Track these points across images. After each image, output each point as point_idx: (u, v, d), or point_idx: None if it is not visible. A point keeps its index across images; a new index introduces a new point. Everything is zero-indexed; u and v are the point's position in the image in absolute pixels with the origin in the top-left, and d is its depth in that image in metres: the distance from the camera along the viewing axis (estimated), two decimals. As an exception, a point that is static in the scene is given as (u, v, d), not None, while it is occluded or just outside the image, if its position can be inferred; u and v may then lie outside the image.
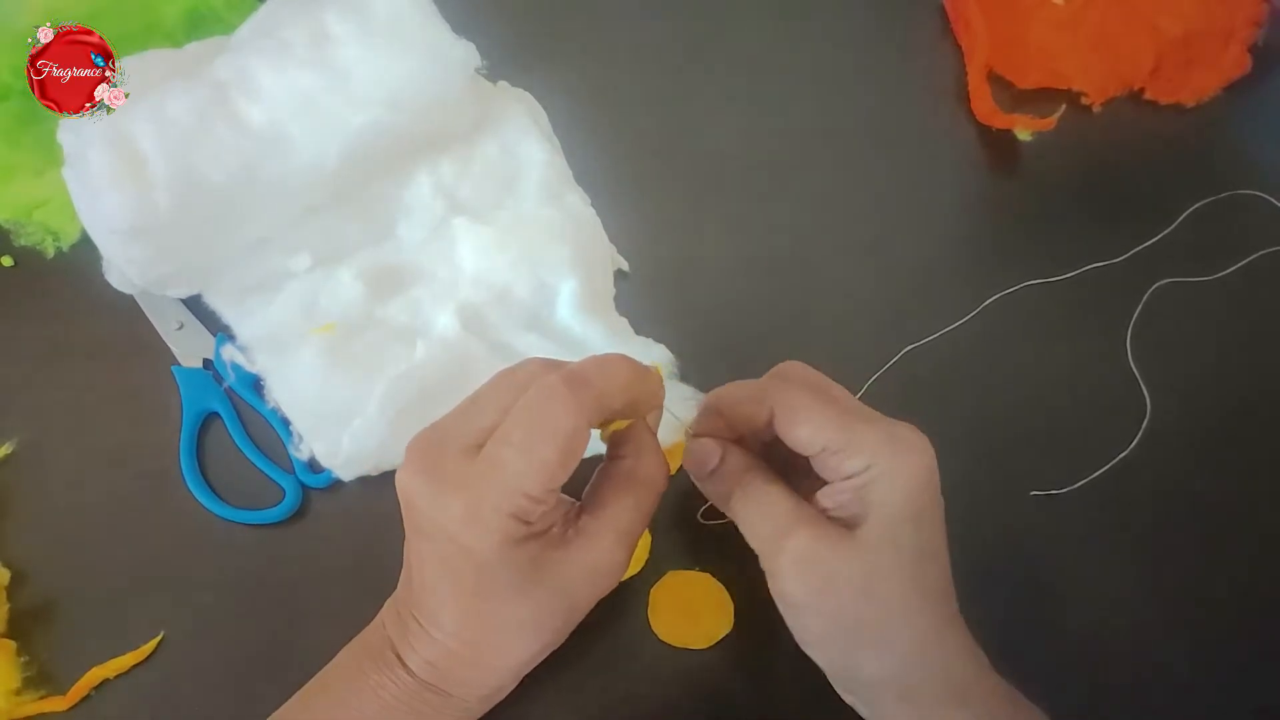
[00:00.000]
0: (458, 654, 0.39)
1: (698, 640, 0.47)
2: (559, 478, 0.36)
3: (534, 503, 0.36)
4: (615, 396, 0.37)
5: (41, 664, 0.45)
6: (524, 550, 0.37)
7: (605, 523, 0.39)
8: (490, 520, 0.36)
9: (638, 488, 0.40)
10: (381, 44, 0.48)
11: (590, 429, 0.37)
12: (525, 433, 0.36)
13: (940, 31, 0.61)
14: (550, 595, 0.38)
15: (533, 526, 0.37)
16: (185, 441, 0.49)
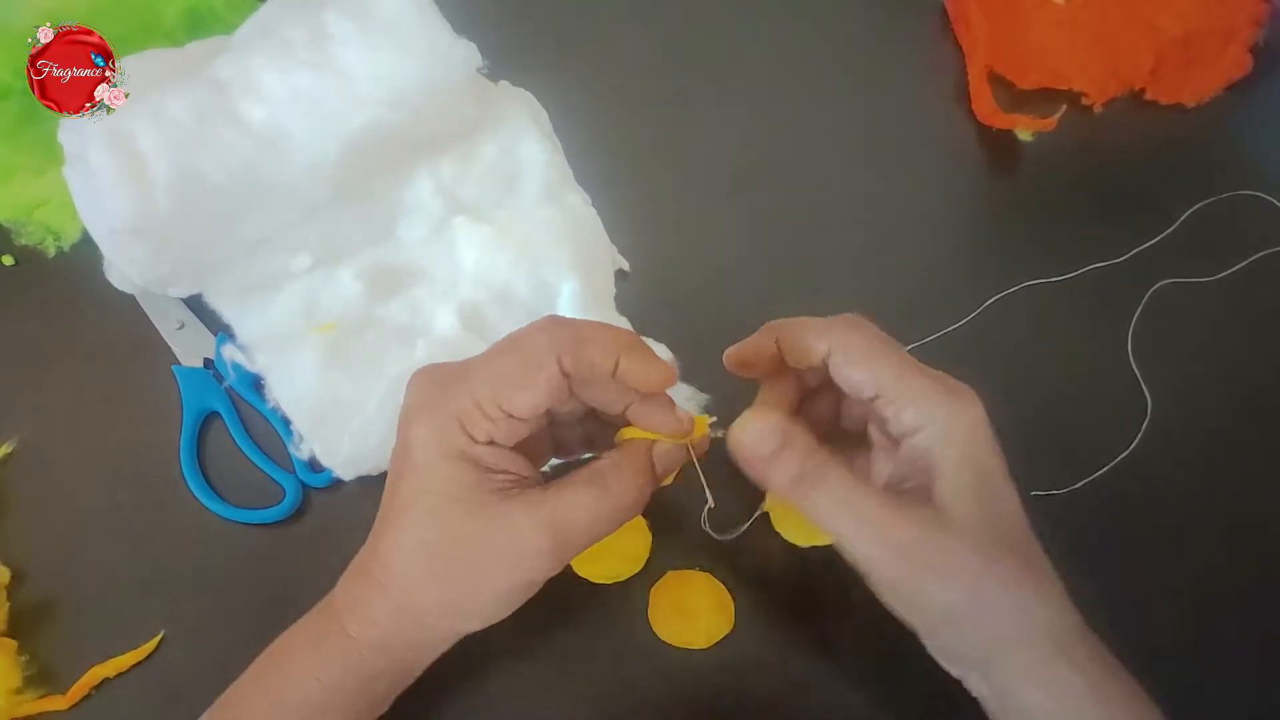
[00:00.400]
0: (415, 602, 0.39)
1: (698, 640, 0.47)
2: (515, 400, 0.36)
3: (485, 419, 0.36)
4: (597, 350, 0.37)
5: (42, 663, 0.45)
6: (475, 483, 0.37)
7: (545, 505, 0.37)
8: (447, 430, 0.37)
9: (598, 491, 0.38)
10: (382, 44, 0.48)
11: (562, 371, 0.37)
12: (497, 349, 0.38)
13: (940, 31, 0.61)
14: (487, 549, 0.38)
15: (484, 460, 0.37)
16: (185, 441, 0.49)
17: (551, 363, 0.37)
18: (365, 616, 0.39)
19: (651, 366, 0.38)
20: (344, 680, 0.39)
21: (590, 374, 0.37)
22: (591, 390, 0.39)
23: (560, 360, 0.37)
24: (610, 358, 0.37)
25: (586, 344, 0.37)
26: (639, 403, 0.39)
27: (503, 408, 0.37)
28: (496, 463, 0.38)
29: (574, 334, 0.37)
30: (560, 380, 0.37)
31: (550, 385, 0.37)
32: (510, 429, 0.37)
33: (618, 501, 0.38)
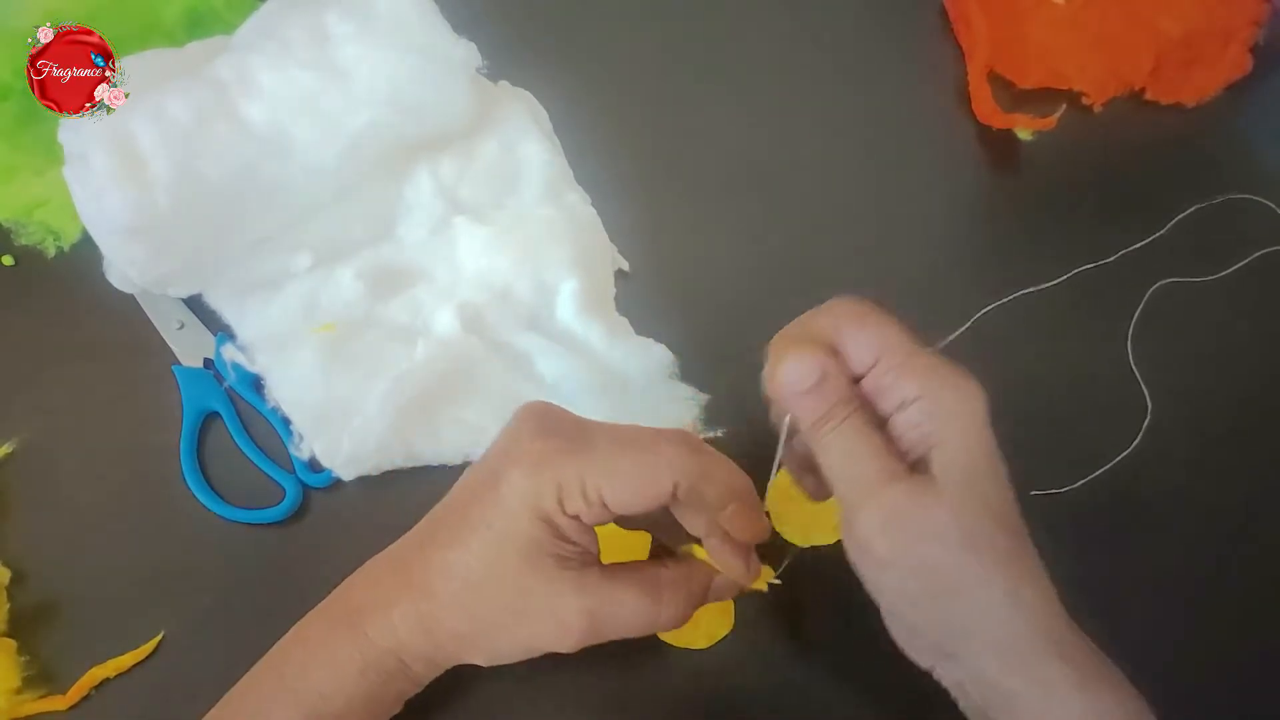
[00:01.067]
0: (441, 624, 0.39)
1: (698, 640, 0.47)
2: (619, 500, 0.37)
3: (583, 500, 0.37)
4: (715, 492, 0.38)
5: (42, 663, 0.45)
6: (543, 544, 0.38)
7: (595, 592, 0.38)
8: (543, 490, 0.37)
9: (650, 602, 0.39)
10: (382, 44, 0.48)
11: (672, 495, 0.37)
12: (623, 439, 0.38)
13: (940, 31, 0.61)
14: (525, 608, 0.39)
15: (563, 529, 0.38)
16: (185, 441, 0.49)
17: (668, 484, 0.37)
18: (387, 621, 0.39)
19: (757, 523, 0.40)
20: (360, 681, 0.39)
21: (698, 507, 0.38)
22: (687, 513, 0.40)
23: (677, 485, 0.37)
24: (724, 503, 0.38)
25: (707, 481, 0.38)
26: (719, 539, 0.40)
27: (604, 499, 0.37)
28: (572, 534, 0.38)
29: (700, 467, 0.38)
30: (665, 498, 0.38)
31: (656, 499, 0.38)
32: (600, 516, 0.38)
33: (663, 617, 0.39)
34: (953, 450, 0.37)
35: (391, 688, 0.40)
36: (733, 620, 0.48)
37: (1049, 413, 0.52)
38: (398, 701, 0.41)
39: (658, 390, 0.51)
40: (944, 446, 0.37)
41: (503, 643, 0.40)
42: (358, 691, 0.39)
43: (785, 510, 0.50)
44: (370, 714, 0.40)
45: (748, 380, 0.48)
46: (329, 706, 0.39)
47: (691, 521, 0.40)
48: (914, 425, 0.38)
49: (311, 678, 0.39)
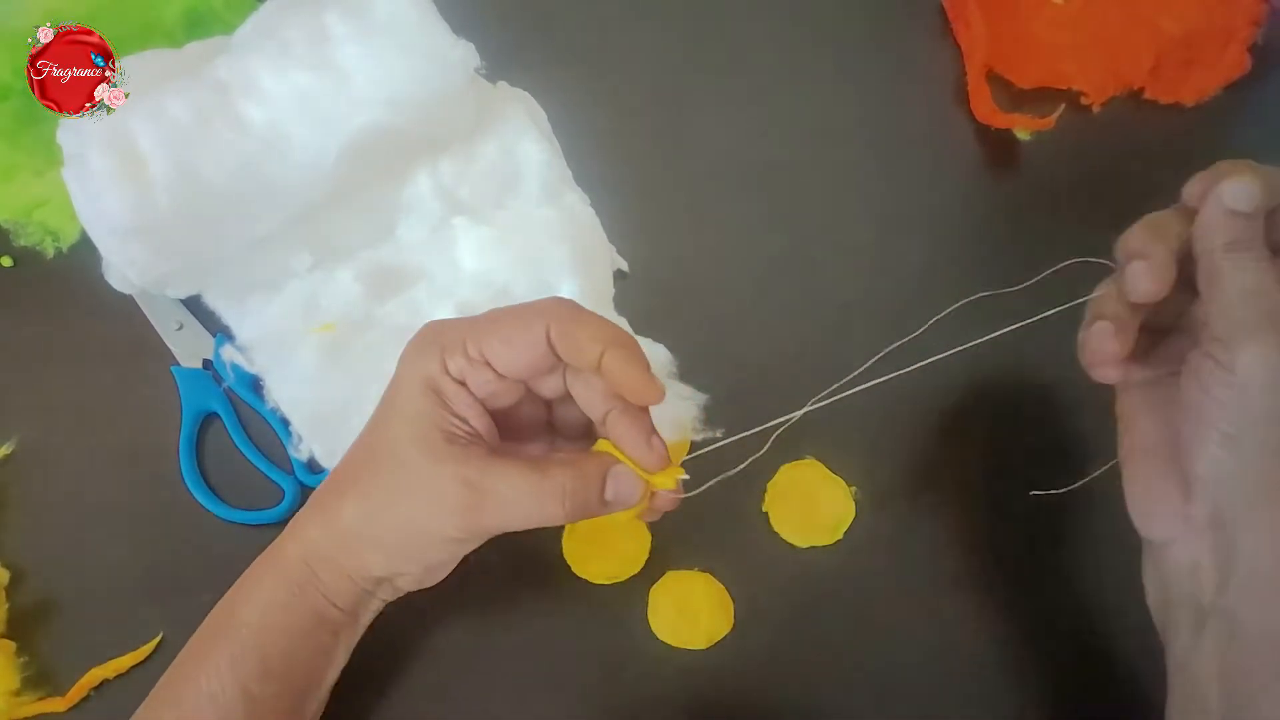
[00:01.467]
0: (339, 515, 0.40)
1: (698, 640, 0.47)
2: (494, 349, 0.37)
3: (463, 357, 0.37)
4: (587, 334, 0.37)
5: (41, 664, 0.45)
6: (429, 415, 0.38)
7: (477, 466, 0.37)
8: (427, 355, 0.38)
9: (535, 477, 0.37)
10: (381, 44, 0.48)
11: (549, 342, 0.37)
12: (501, 308, 0.39)
13: (940, 31, 0.61)
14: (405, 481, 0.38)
15: (448, 396, 0.38)
16: (185, 442, 0.49)
17: (539, 328, 0.37)
18: (303, 533, 0.40)
19: (635, 371, 0.37)
20: (273, 596, 0.40)
21: (575, 356, 0.37)
22: (580, 384, 0.39)
23: (549, 330, 0.37)
24: (596, 346, 0.37)
25: (579, 325, 0.37)
26: (617, 412, 0.39)
27: (483, 353, 0.37)
28: (459, 406, 0.38)
29: (572, 313, 0.38)
30: (543, 348, 0.37)
31: (530, 348, 0.37)
32: (484, 378, 0.38)
33: (548, 496, 0.37)
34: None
35: (306, 602, 0.40)
36: (732, 620, 0.48)
37: (1049, 413, 0.52)
38: (320, 626, 0.40)
39: (657, 390, 0.51)
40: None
41: (388, 526, 0.39)
42: (273, 607, 0.40)
43: (785, 510, 0.50)
44: (291, 635, 0.40)
45: (748, 380, 0.48)
46: (254, 634, 0.39)
47: (586, 395, 0.39)
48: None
49: (239, 609, 0.40)
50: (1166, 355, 0.42)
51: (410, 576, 0.41)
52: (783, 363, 0.52)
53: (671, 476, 0.39)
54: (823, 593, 0.49)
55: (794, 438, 0.51)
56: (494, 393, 0.39)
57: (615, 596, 0.48)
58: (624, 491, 0.38)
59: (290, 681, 0.40)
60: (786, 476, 0.50)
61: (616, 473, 0.38)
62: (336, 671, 0.42)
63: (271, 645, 0.39)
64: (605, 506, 0.38)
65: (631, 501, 0.39)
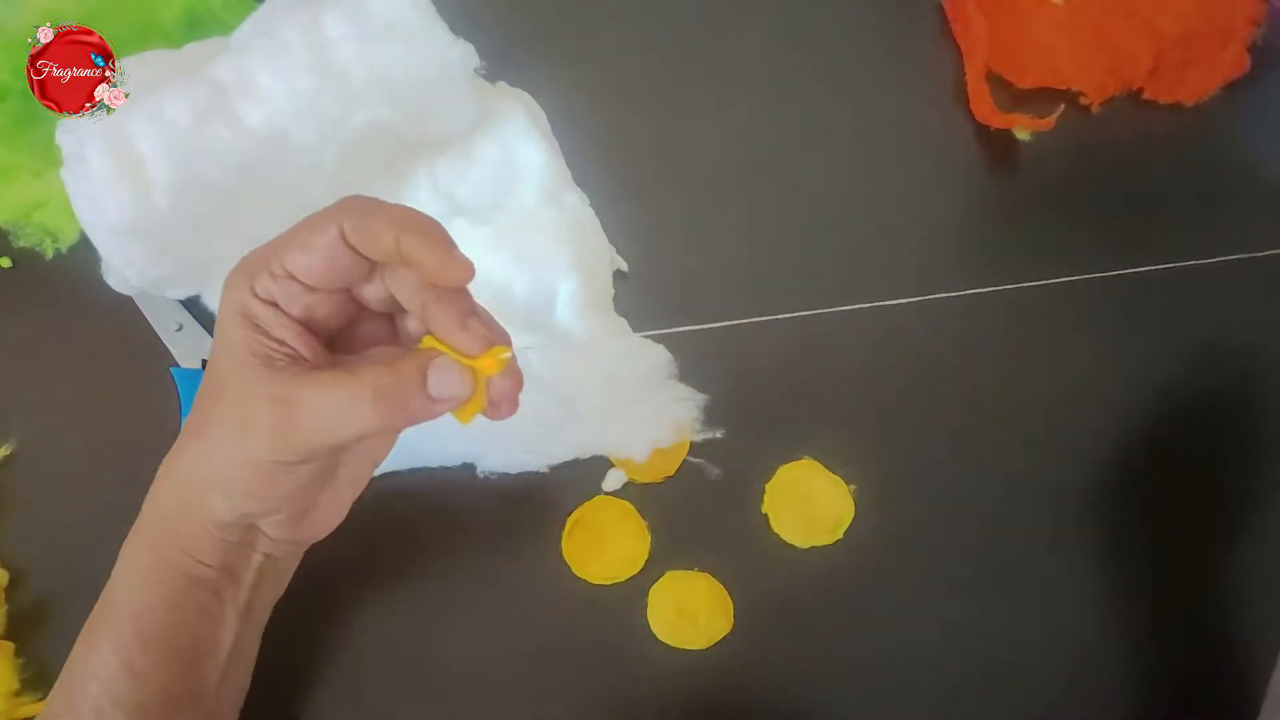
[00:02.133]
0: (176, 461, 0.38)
1: (697, 640, 0.47)
2: (293, 257, 0.35)
3: (268, 275, 0.36)
4: (382, 221, 0.35)
5: (40, 665, 0.45)
6: (244, 343, 0.36)
7: (285, 380, 0.35)
8: (237, 285, 0.36)
9: (345, 379, 0.35)
10: (380, 44, 0.48)
11: (345, 240, 0.35)
12: (296, 225, 0.36)
13: (939, 31, 0.61)
14: (222, 408, 0.36)
15: (261, 319, 0.36)
16: (184, 442, 0.49)
17: (333, 227, 0.35)
18: (154, 492, 0.39)
19: (437, 251, 0.35)
20: (139, 560, 0.38)
21: (372, 247, 0.35)
22: (397, 282, 0.37)
23: (342, 227, 0.35)
24: (391, 231, 0.34)
25: (373, 215, 0.35)
26: (431, 300, 0.36)
27: (285, 267, 0.35)
28: (273, 328, 0.36)
29: (367, 205, 0.36)
30: (337, 246, 0.35)
31: (328, 249, 0.35)
32: (291, 292, 0.36)
33: (358, 396, 0.34)
34: None
35: (171, 564, 0.38)
36: (732, 620, 0.48)
37: (1049, 413, 0.52)
38: (193, 586, 0.38)
39: (657, 390, 0.51)
40: None
41: (217, 462, 0.37)
42: (140, 575, 0.38)
43: (784, 510, 0.50)
44: (164, 601, 0.38)
45: (747, 380, 0.48)
46: (127, 605, 0.38)
47: (404, 296, 0.37)
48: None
49: (113, 584, 0.39)
50: None
51: (269, 518, 0.38)
52: (783, 363, 0.52)
53: (495, 358, 0.36)
54: (823, 593, 0.49)
55: (794, 438, 0.51)
56: (309, 307, 0.37)
57: (615, 596, 0.48)
58: (449, 383, 0.35)
59: (173, 648, 0.38)
60: (786, 476, 0.50)
61: (438, 364, 0.35)
62: (232, 634, 0.39)
63: (146, 613, 0.38)
64: (431, 404, 0.35)
65: (460, 393, 0.35)
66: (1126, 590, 0.49)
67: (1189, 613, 0.50)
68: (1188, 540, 0.51)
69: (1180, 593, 0.50)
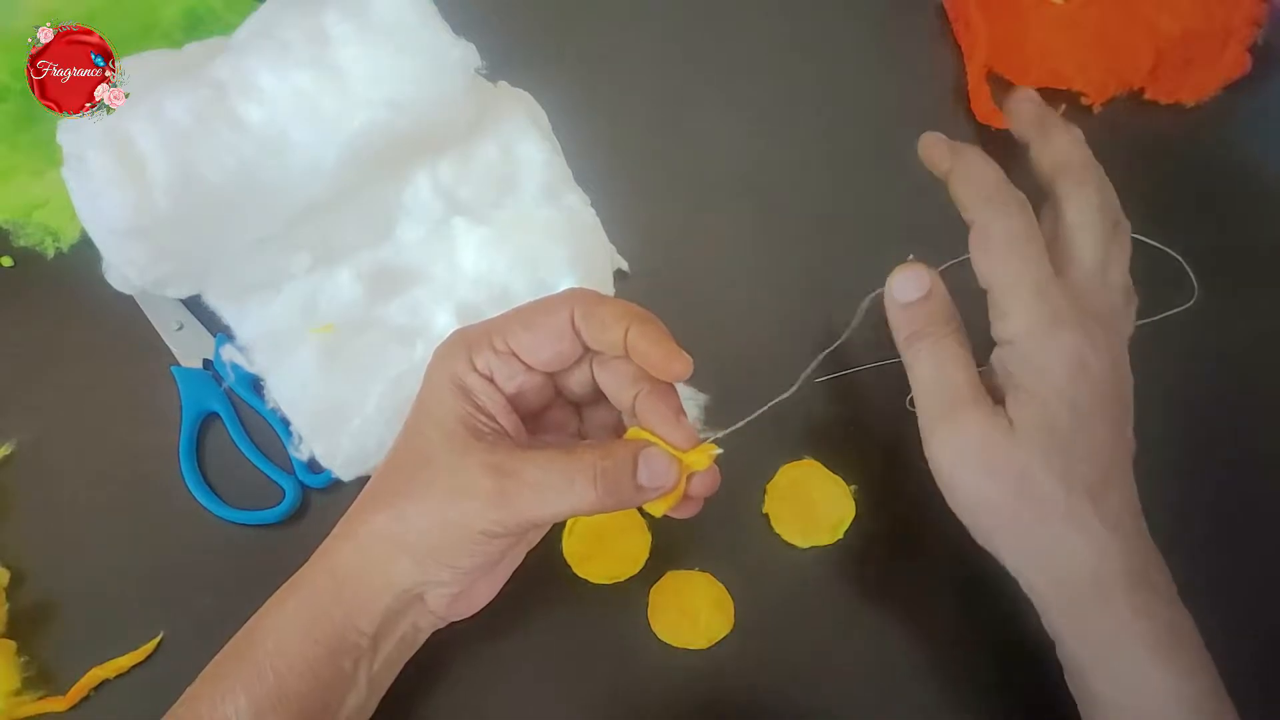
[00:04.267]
0: (366, 523, 0.39)
1: (698, 640, 0.47)
2: (520, 337, 0.38)
3: (490, 349, 0.38)
4: (611, 312, 0.37)
5: (41, 664, 0.45)
6: (458, 415, 0.38)
7: (503, 453, 0.37)
8: (453, 355, 0.38)
9: (564, 458, 0.37)
10: (381, 44, 0.48)
11: (574, 327, 0.37)
12: (523, 304, 0.39)
13: (940, 31, 0.61)
14: (433, 476, 0.37)
15: (476, 393, 0.38)
16: (185, 442, 0.49)
17: (564, 312, 0.37)
18: (329, 551, 0.40)
19: (662, 344, 0.37)
20: (296, 615, 0.39)
21: (600, 336, 0.37)
22: (606, 372, 0.39)
23: (573, 312, 0.37)
24: (621, 322, 0.37)
25: (602, 305, 0.37)
26: (645, 393, 0.38)
27: (509, 343, 0.38)
28: (487, 403, 0.38)
29: (595, 296, 0.38)
30: (567, 333, 0.37)
31: (555, 333, 0.37)
32: (510, 369, 0.38)
33: (578, 476, 0.36)
34: (1035, 400, 0.38)
35: (327, 625, 0.39)
36: (733, 620, 0.48)
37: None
38: (340, 650, 0.39)
39: (657, 390, 0.51)
40: (1028, 392, 0.38)
41: (416, 526, 0.37)
42: (294, 632, 0.39)
43: (785, 510, 0.50)
44: (310, 661, 0.38)
45: (748, 380, 0.48)
46: (271, 658, 0.38)
47: (613, 381, 0.39)
48: (1003, 362, 0.39)
49: (260, 632, 0.39)
50: None
51: (442, 589, 0.39)
52: (783, 363, 0.52)
53: (705, 453, 0.38)
54: (823, 593, 0.49)
55: (794, 438, 0.51)
56: (521, 386, 0.39)
57: (615, 596, 0.48)
58: (658, 472, 0.37)
59: (306, 709, 0.38)
60: (786, 477, 0.50)
61: (649, 454, 0.37)
62: (358, 701, 0.41)
63: (289, 669, 0.38)
64: (640, 492, 0.37)
65: (668, 483, 0.37)
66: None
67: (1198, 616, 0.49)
68: (1189, 540, 0.51)
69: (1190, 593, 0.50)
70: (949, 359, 0.40)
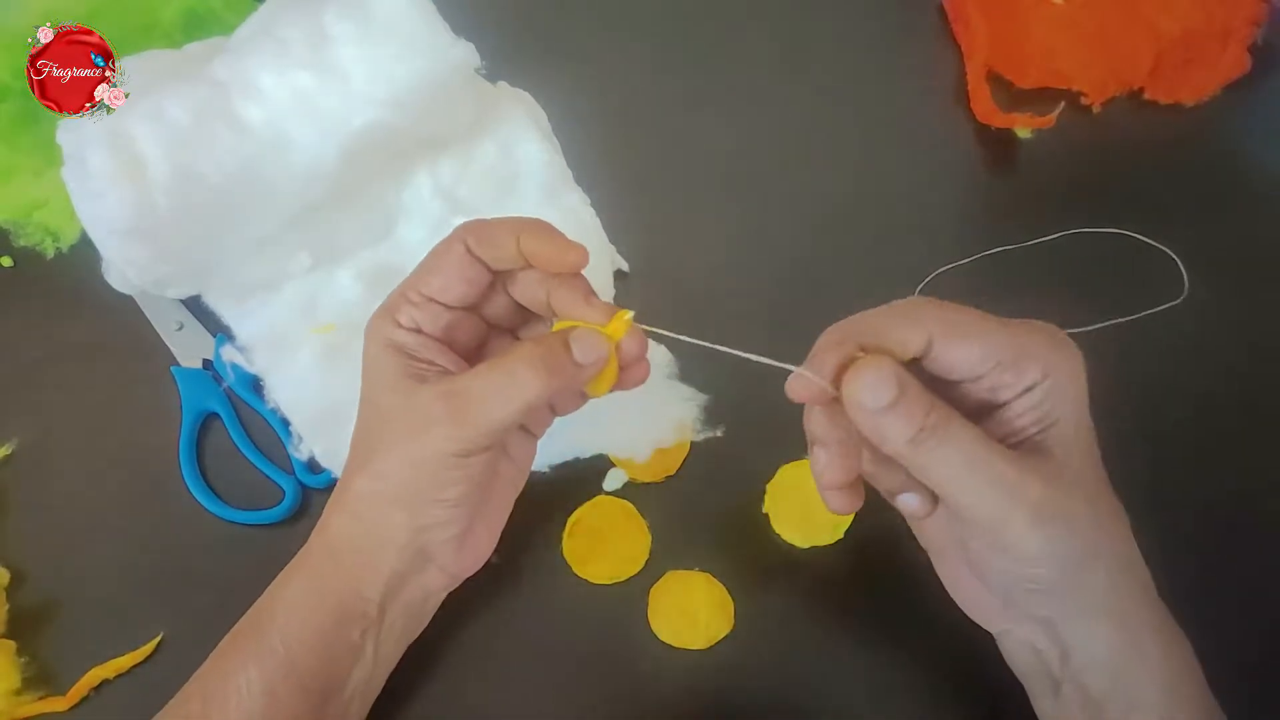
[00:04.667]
0: (347, 490, 0.40)
1: (698, 640, 0.47)
2: (429, 282, 0.40)
3: (408, 304, 0.40)
4: (501, 229, 0.40)
5: (41, 664, 0.45)
6: (399, 369, 0.40)
7: (448, 379, 0.39)
8: (381, 323, 0.40)
9: (501, 361, 0.38)
10: (380, 44, 0.48)
11: (470, 253, 0.40)
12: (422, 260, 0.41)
13: (940, 31, 0.61)
14: (394, 421, 0.39)
15: (409, 347, 0.40)
16: (185, 442, 0.49)
17: (458, 246, 0.40)
18: (323, 525, 0.41)
19: (554, 242, 0.39)
20: (304, 597, 0.40)
21: (496, 253, 0.40)
22: (518, 285, 0.41)
23: (466, 242, 0.40)
24: (511, 234, 0.39)
25: (488, 225, 0.40)
26: (555, 287, 0.40)
27: (420, 291, 0.40)
28: (421, 351, 0.40)
29: (481, 222, 0.40)
30: (464, 260, 0.40)
31: (458, 266, 0.40)
32: (432, 314, 0.40)
33: (520, 367, 0.38)
34: (1069, 427, 0.36)
35: (332, 596, 0.40)
36: (733, 620, 0.48)
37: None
38: (347, 620, 0.40)
39: (657, 390, 0.51)
40: (1062, 424, 0.36)
41: (394, 475, 0.39)
42: (300, 605, 0.40)
43: (785, 510, 0.50)
44: (317, 631, 0.40)
45: (747, 380, 0.48)
46: (280, 630, 0.40)
47: (525, 292, 0.41)
48: (1035, 406, 0.36)
49: (268, 609, 0.41)
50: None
51: (441, 535, 0.40)
52: (784, 363, 0.52)
53: (622, 320, 0.40)
54: (823, 593, 0.49)
55: (795, 438, 0.51)
56: (449, 326, 0.41)
57: (615, 596, 0.48)
58: (589, 346, 0.39)
59: (314, 681, 0.40)
60: (786, 477, 0.50)
61: (577, 334, 0.39)
62: (366, 674, 0.42)
63: (298, 645, 0.39)
64: (579, 369, 0.39)
65: (601, 353, 0.39)
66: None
67: (1188, 612, 0.49)
68: (1190, 540, 0.51)
69: (1179, 593, 0.50)
70: (977, 443, 0.34)
